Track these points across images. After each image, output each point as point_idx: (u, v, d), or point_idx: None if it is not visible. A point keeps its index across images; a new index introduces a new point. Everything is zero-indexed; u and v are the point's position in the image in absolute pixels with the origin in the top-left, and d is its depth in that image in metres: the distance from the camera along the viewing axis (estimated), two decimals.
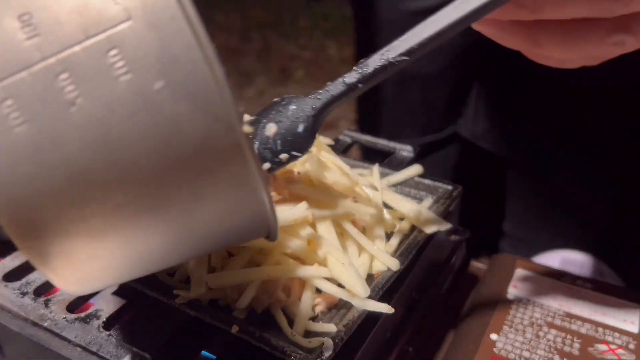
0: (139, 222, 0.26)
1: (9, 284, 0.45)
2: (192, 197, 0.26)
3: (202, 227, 0.27)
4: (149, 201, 0.25)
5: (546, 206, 0.88)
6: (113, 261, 0.28)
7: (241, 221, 0.28)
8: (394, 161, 0.59)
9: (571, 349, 0.45)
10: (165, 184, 0.25)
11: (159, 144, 0.24)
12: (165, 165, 0.24)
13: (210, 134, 0.24)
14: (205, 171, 0.25)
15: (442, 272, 0.55)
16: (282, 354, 0.35)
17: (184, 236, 0.28)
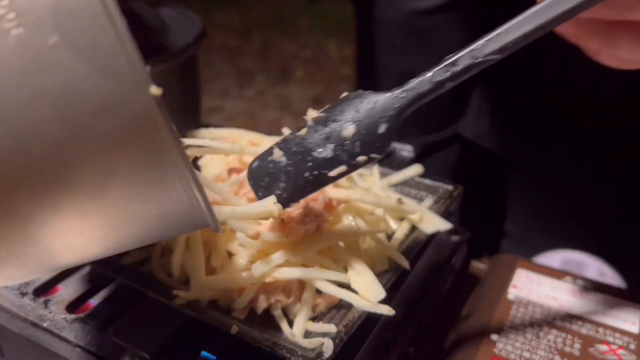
0: (44, 200, 0.23)
1: (9, 285, 0.45)
2: (102, 172, 0.23)
3: (120, 209, 0.25)
4: (52, 176, 0.22)
5: (547, 206, 0.88)
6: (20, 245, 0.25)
7: (166, 204, 0.25)
8: (394, 161, 0.59)
9: (572, 350, 0.45)
10: (69, 156, 0.22)
11: (56, 109, 0.21)
12: (66, 134, 0.22)
13: (114, 98, 0.21)
14: (113, 142, 0.22)
15: (443, 273, 0.54)
16: (282, 354, 0.35)
17: (100, 219, 0.25)
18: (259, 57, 2.64)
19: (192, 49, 0.57)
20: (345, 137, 0.34)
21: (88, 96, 0.21)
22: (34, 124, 0.21)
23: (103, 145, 0.22)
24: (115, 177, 0.23)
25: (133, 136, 0.22)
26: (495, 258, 0.57)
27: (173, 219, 0.27)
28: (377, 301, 0.38)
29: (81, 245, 0.27)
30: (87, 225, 0.25)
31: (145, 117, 0.22)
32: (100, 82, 0.21)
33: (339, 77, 2.47)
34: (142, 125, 0.22)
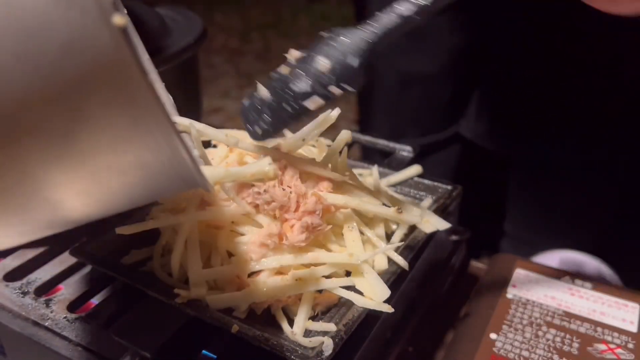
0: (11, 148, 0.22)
1: (10, 284, 0.45)
2: (71, 116, 0.21)
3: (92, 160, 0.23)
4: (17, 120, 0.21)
5: (546, 206, 0.88)
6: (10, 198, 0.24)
7: (145, 154, 0.24)
8: (394, 161, 0.59)
9: (570, 349, 0.45)
10: (35, 99, 0.21)
11: (18, 45, 0.20)
12: (30, 73, 0.20)
13: (78, 32, 0.20)
14: (80, 80, 0.21)
15: (442, 272, 0.55)
16: (282, 353, 0.35)
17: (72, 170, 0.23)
18: (260, 58, 2.64)
19: (192, 49, 0.57)
20: (321, 71, 0.37)
21: (51, 30, 0.20)
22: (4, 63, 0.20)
23: (69, 84, 0.21)
24: (85, 120, 0.22)
25: (100, 74, 0.21)
26: (494, 258, 0.57)
27: (157, 172, 0.25)
28: (382, 300, 0.39)
29: (66, 199, 0.25)
30: (64, 176, 0.24)
31: (112, 51, 0.20)
32: (62, 14, 0.20)
33: None
34: (109, 61, 0.21)
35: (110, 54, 0.21)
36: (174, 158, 0.24)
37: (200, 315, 0.38)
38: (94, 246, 0.45)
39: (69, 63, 0.20)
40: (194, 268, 0.40)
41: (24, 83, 0.21)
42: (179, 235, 0.41)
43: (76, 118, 0.22)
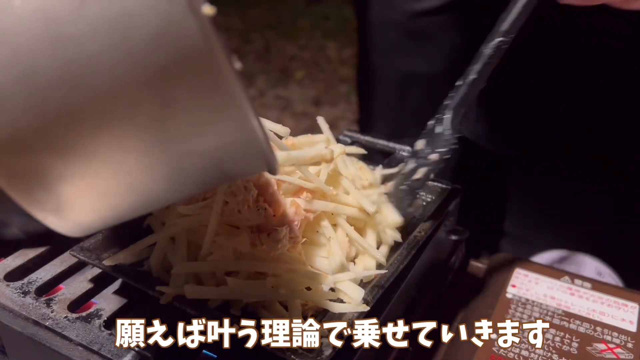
0: (105, 135, 0.23)
1: (11, 284, 0.45)
2: (161, 103, 0.23)
3: (179, 142, 0.24)
4: (111, 108, 0.22)
5: (546, 206, 0.88)
6: (88, 183, 0.25)
7: (224, 135, 0.25)
8: (394, 161, 0.59)
9: (570, 348, 0.45)
10: (127, 86, 0.22)
11: (112, 38, 0.21)
12: (122, 63, 0.22)
13: (167, 22, 0.21)
14: (170, 69, 0.22)
15: (442, 272, 0.55)
16: (282, 353, 0.35)
17: (160, 153, 0.24)
18: (260, 58, 2.65)
19: None
20: (417, 150, 0.48)
21: (142, 22, 0.21)
22: (91, 55, 0.21)
23: (159, 73, 0.22)
24: (173, 106, 0.23)
25: (188, 61, 0.22)
26: (494, 258, 0.57)
27: (233, 154, 0.26)
28: (358, 301, 0.39)
29: (145, 185, 0.26)
30: (149, 161, 0.25)
31: (199, 40, 0.22)
32: (152, 6, 0.21)
33: (338, 77, 2.48)
34: (196, 49, 0.22)
35: (198, 42, 0.22)
36: (252, 140, 0.25)
37: (201, 315, 0.38)
38: (94, 246, 0.45)
39: (159, 51, 0.22)
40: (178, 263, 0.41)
41: (117, 70, 0.22)
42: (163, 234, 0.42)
43: (165, 104, 0.23)
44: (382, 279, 0.42)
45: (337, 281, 0.41)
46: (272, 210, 0.41)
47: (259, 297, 0.40)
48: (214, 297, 0.40)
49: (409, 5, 0.85)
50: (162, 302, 0.39)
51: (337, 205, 0.44)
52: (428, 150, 0.47)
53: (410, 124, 0.95)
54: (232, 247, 0.41)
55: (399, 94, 0.92)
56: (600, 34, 0.73)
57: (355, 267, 0.44)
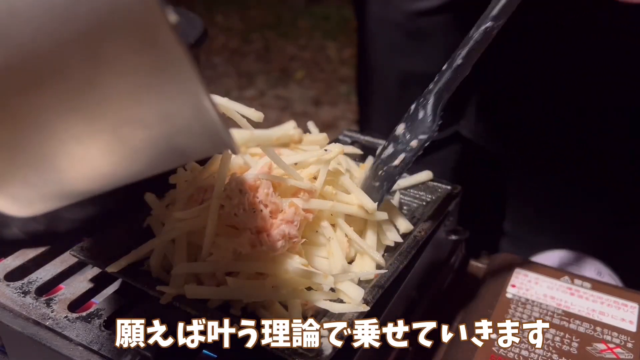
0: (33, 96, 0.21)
1: (11, 284, 0.45)
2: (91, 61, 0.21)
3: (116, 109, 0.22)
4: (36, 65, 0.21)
5: (546, 206, 0.88)
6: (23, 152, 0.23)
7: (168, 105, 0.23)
8: None
9: (570, 348, 0.45)
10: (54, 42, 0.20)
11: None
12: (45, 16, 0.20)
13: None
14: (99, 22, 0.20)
15: (442, 272, 0.55)
16: (282, 352, 0.35)
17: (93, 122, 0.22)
18: (260, 58, 2.65)
19: (193, 50, 0.57)
20: (398, 135, 0.45)
21: None
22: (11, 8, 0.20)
23: (86, 26, 0.20)
24: (104, 65, 0.21)
25: (119, 14, 0.20)
26: (494, 257, 0.57)
27: (182, 127, 0.24)
28: (358, 301, 0.39)
29: (85, 157, 0.24)
30: (85, 128, 0.23)
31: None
32: None
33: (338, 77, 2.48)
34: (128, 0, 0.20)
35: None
36: (199, 110, 0.23)
37: (201, 315, 0.38)
38: (94, 246, 0.45)
39: (87, 4, 0.20)
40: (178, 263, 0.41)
41: (37, 25, 0.20)
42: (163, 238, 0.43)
43: (95, 63, 0.21)
44: (382, 279, 0.42)
45: (337, 281, 0.41)
46: (268, 211, 0.41)
47: (258, 297, 0.40)
48: (214, 297, 0.40)
49: (409, 5, 0.85)
50: (162, 302, 0.39)
51: (336, 204, 0.44)
52: (409, 136, 0.45)
53: None
54: (232, 248, 0.41)
55: (399, 93, 0.92)
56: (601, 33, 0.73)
57: (355, 267, 0.44)
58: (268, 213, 0.41)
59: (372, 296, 0.40)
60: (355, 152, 0.54)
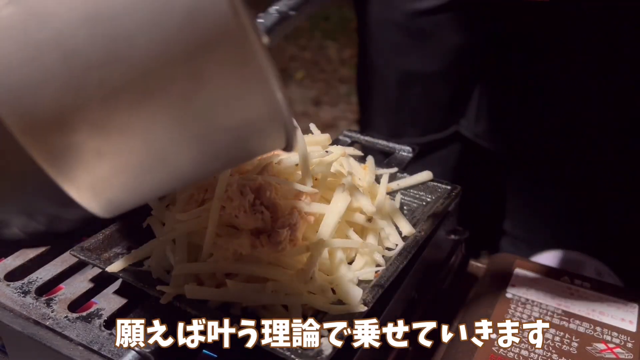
0: (141, 110, 0.24)
1: (11, 284, 0.45)
2: (193, 79, 0.24)
3: (209, 117, 0.25)
4: (147, 83, 0.24)
5: (546, 206, 0.88)
6: (124, 160, 0.26)
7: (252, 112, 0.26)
8: (394, 161, 0.59)
9: (569, 348, 0.45)
10: (162, 62, 0.23)
11: (149, 15, 0.22)
12: (159, 40, 0.23)
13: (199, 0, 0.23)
14: (202, 45, 0.23)
15: (442, 272, 0.55)
16: (282, 352, 0.35)
17: (191, 128, 0.26)
18: None
19: None
20: None
21: (176, 0, 0.23)
22: (130, 31, 0.22)
23: (192, 48, 0.23)
24: (205, 80, 0.24)
25: (219, 37, 0.23)
26: (493, 257, 0.57)
27: (257, 129, 0.27)
28: (356, 302, 0.39)
29: (176, 161, 0.27)
30: (181, 137, 0.26)
31: (230, 15, 0.23)
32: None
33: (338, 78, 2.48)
34: (227, 25, 0.23)
35: (229, 18, 0.23)
36: (276, 115, 0.27)
37: (201, 315, 0.38)
38: (94, 246, 0.45)
39: (192, 26, 0.23)
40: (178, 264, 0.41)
41: (153, 46, 0.23)
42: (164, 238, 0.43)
43: (196, 78, 0.24)
44: (381, 279, 0.42)
45: (337, 282, 0.41)
46: (270, 213, 0.41)
47: (258, 301, 0.40)
48: (213, 298, 0.40)
49: (409, 4, 0.85)
50: (162, 302, 0.39)
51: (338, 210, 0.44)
52: None
53: (410, 124, 0.95)
54: (233, 249, 0.41)
55: (399, 93, 0.92)
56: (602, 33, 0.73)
57: (355, 268, 0.44)
58: (269, 215, 0.41)
59: (372, 296, 0.40)
60: (356, 153, 0.54)
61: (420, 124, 0.94)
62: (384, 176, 0.52)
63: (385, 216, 0.48)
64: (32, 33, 0.22)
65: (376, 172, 0.53)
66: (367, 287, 0.41)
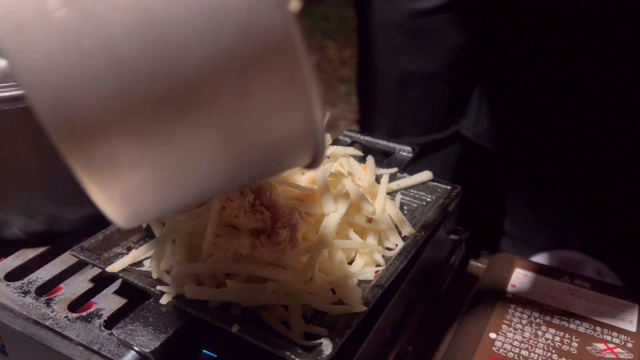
0: (184, 122, 0.24)
1: (11, 284, 0.45)
2: (240, 94, 0.24)
3: (249, 133, 0.25)
4: (194, 96, 0.23)
5: (546, 206, 0.88)
6: (158, 172, 0.25)
7: (289, 129, 0.26)
8: (394, 161, 0.59)
9: (569, 348, 0.45)
10: (212, 75, 0.23)
11: (203, 27, 0.22)
12: (211, 53, 0.23)
13: (254, 14, 0.22)
14: (252, 60, 0.23)
15: (442, 272, 0.55)
16: (281, 353, 0.35)
17: (230, 144, 0.25)
18: None
19: None
20: None
21: (231, 12, 0.22)
22: (182, 41, 0.22)
23: (242, 63, 0.23)
24: (250, 96, 0.24)
25: (269, 54, 0.23)
26: (494, 257, 0.57)
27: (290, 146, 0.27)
28: (357, 302, 0.39)
29: (208, 175, 0.27)
30: (219, 152, 0.25)
31: (282, 34, 0.23)
32: None
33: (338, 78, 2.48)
34: (279, 43, 0.23)
35: (281, 36, 0.23)
36: (312, 135, 0.26)
37: (201, 315, 0.38)
38: (94, 246, 0.45)
39: (245, 42, 0.23)
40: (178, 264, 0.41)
41: (204, 59, 0.23)
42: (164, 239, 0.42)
43: (243, 94, 0.24)
44: (382, 279, 0.42)
45: (337, 282, 0.41)
46: (270, 213, 0.41)
47: (258, 301, 0.40)
48: (213, 298, 0.40)
49: (409, 4, 0.85)
50: (162, 302, 0.39)
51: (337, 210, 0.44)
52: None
53: (410, 124, 0.95)
54: (233, 249, 0.41)
55: (399, 93, 0.92)
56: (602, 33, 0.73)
57: (355, 268, 0.44)
58: (269, 215, 0.41)
59: (372, 296, 0.40)
60: (356, 153, 0.54)
61: (421, 124, 0.94)
62: (384, 176, 0.52)
63: (385, 216, 0.48)
64: (84, 38, 0.22)
65: (376, 172, 0.53)
66: (367, 287, 0.41)
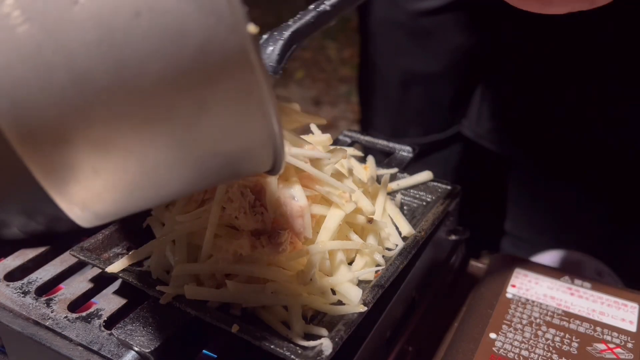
0: (143, 133, 0.25)
1: (11, 284, 0.45)
2: (197, 107, 0.25)
3: (206, 143, 0.26)
4: (152, 109, 0.24)
5: (546, 206, 0.88)
6: (118, 178, 0.27)
7: (247, 140, 0.27)
8: (394, 161, 0.59)
9: (570, 348, 0.45)
10: (169, 91, 0.24)
11: (162, 46, 0.23)
12: (169, 70, 0.24)
13: (213, 35, 0.23)
14: (210, 77, 0.24)
15: (442, 272, 0.55)
16: (282, 353, 0.35)
17: (189, 153, 0.27)
18: None
19: None
20: None
21: (190, 34, 0.23)
22: (142, 58, 0.23)
23: (200, 80, 0.24)
24: (208, 109, 0.25)
25: (228, 72, 0.24)
26: (494, 257, 0.57)
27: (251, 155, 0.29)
28: (356, 302, 0.39)
29: (167, 181, 0.28)
30: (177, 160, 0.27)
31: (239, 54, 0.24)
32: (201, 21, 0.23)
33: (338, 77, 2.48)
34: (236, 62, 0.24)
35: (238, 56, 0.24)
36: (271, 144, 0.28)
37: (201, 315, 0.38)
38: (94, 246, 0.45)
39: (202, 61, 0.24)
40: (178, 264, 0.41)
41: (163, 76, 0.24)
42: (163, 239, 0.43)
43: (200, 107, 0.25)
44: (382, 279, 0.42)
45: (337, 283, 0.41)
46: (270, 214, 0.41)
47: (258, 302, 0.40)
48: (213, 299, 0.40)
49: (412, 4, 0.85)
50: (162, 302, 0.39)
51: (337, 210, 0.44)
52: None
53: (412, 124, 0.95)
54: (232, 250, 0.41)
55: (401, 93, 0.92)
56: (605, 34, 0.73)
57: (355, 268, 0.44)
58: (269, 216, 0.41)
59: (372, 296, 0.40)
60: (356, 153, 0.54)
61: (422, 124, 0.94)
62: (384, 176, 0.52)
63: (386, 216, 0.48)
64: (46, 53, 0.23)
65: (376, 172, 0.53)
66: (367, 287, 0.41)
